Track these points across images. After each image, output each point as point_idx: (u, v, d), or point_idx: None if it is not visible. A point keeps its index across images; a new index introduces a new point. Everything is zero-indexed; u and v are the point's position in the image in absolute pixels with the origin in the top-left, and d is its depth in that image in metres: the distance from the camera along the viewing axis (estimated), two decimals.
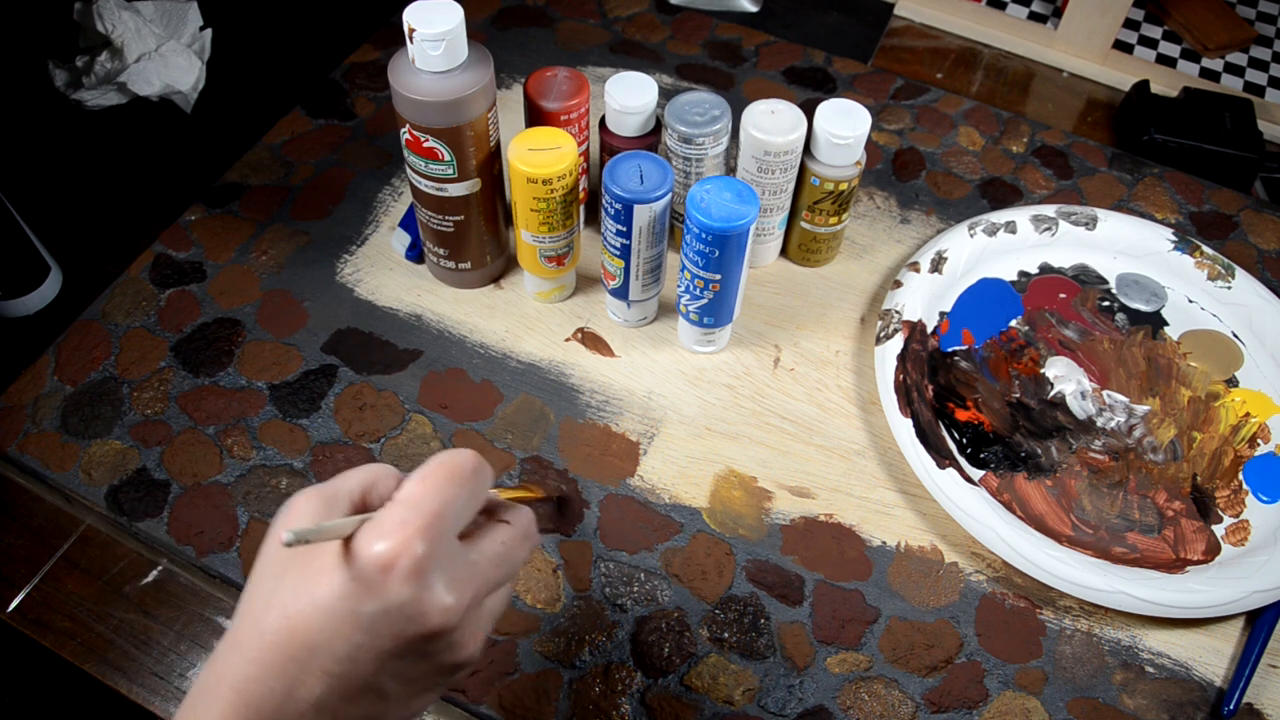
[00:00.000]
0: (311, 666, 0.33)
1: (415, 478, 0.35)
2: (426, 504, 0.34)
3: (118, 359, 0.60)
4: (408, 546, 0.33)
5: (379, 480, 0.37)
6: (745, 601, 0.53)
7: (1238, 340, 0.64)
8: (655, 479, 0.57)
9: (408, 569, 0.32)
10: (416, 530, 0.33)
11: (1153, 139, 0.76)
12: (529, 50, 0.80)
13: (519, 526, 0.38)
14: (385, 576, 0.32)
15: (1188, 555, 0.55)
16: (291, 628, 0.33)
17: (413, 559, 0.33)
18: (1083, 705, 0.50)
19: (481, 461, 0.36)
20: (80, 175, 0.71)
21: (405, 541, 0.33)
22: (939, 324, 0.64)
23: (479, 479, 0.36)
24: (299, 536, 0.31)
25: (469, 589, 0.35)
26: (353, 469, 0.37)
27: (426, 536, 0.33)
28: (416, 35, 0.50)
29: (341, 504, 0.35)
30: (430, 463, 0.36)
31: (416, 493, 0.34)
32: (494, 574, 0.36)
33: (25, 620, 0.52)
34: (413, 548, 0.33)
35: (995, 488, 0.57)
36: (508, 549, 0.37)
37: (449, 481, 0.35)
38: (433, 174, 0.56)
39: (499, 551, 0.37)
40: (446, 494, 0.35)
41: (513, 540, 0.38)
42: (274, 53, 0.80)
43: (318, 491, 0.35)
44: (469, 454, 0.36)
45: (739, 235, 0.52)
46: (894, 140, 0.76)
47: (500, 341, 0.62)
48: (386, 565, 0.32)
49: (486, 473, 0.37)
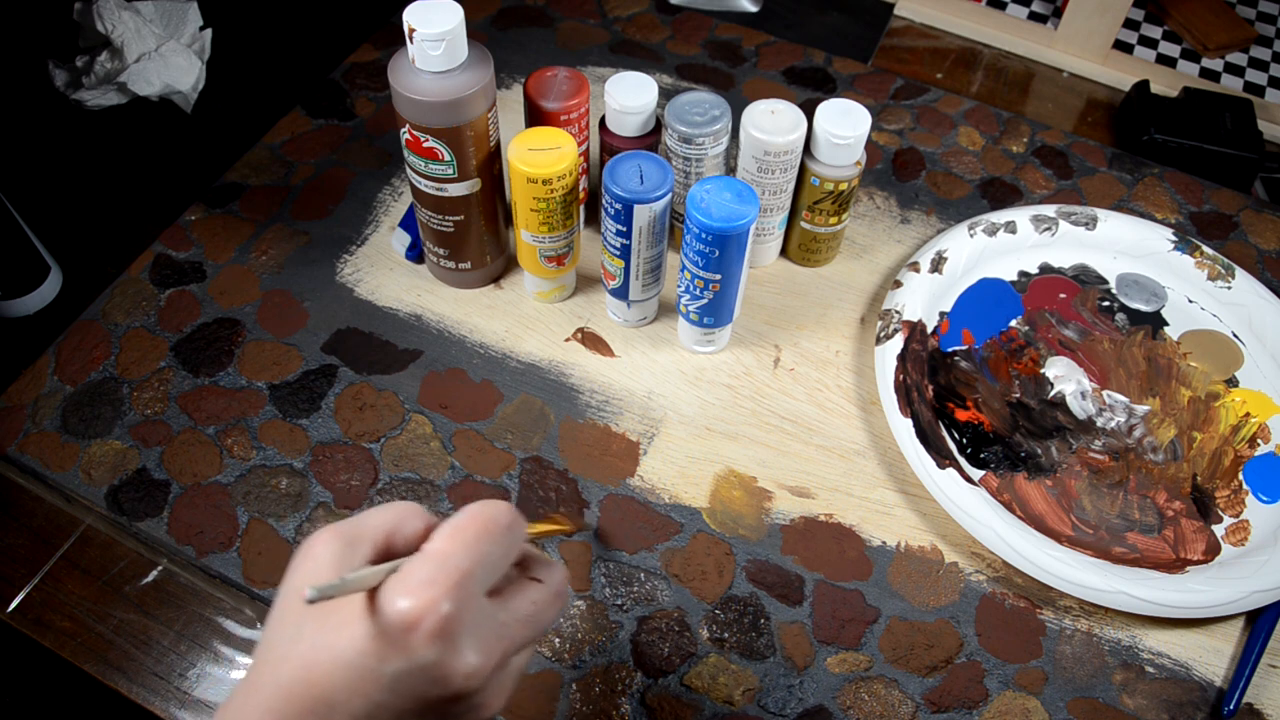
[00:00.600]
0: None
1: (446, 530, 0.34)
2: (456, 561, 0.33)
3: (118, 359, 0.60)
4: (434, 606, 0.31)
5: (404, 521, 0.35)
6: (745, 601, 0.53)
7: (1238, 340, 0.64)
8: (655, 479, 0.57)
9: (433, 629, 0.31)
10: (444, 589, 0.32)
11: (1153, 139, 0.76)
12: (529, 50, 0.80)
13: (552, 585, 0.37)
14: (409, 636, 0.31)
15: (1188, 555, 0.55)
16: (310, 680, 0.32)
17: (439, 619, 0.31)
18: (1083, 705, 0.50)
19: (516, 516, 0.35)
20: (80, 175, 0.71)
21: (432, 601, 0.31)
22: (939, 324, 0.64)
23: (513, 534, 0.35)
24: (321, 593, 0.30)
25: (496, 650, 0.33)
26: (377, 508, 0.36)
27: (454, 596, 0.32)
28: (416, 35, 0.50)
29: (364, 547, 0.34)
30: (463, 514, 0.34)
31: (446, 548, 0.33)
32: (522, 634, 0.35)
33: (25, 620, 0.52)
34: (439, 607, 0.31)
35: (995, 488, 0.57)
36: (539, 609, 0.36)
37: (481, 537, 0.34)
38: (433, 174, 0.56)
39: (529, 611, 0.35)
40: (478, 550, 0.33)
41: (544, 600, 0.36)
42: (274, 53, 0.80)
43: (339, 532, 0.34)
44: (504, 507, 0.35)
45: (739, 235, 0.52)
46: (894, 140, 0.76)
47: (500, 341, 0.62)
48: (411, 624, 0.31)
49: (520, 527, 0.35)
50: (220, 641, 0.51)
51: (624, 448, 0.58)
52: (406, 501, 0.36)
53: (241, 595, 0.53)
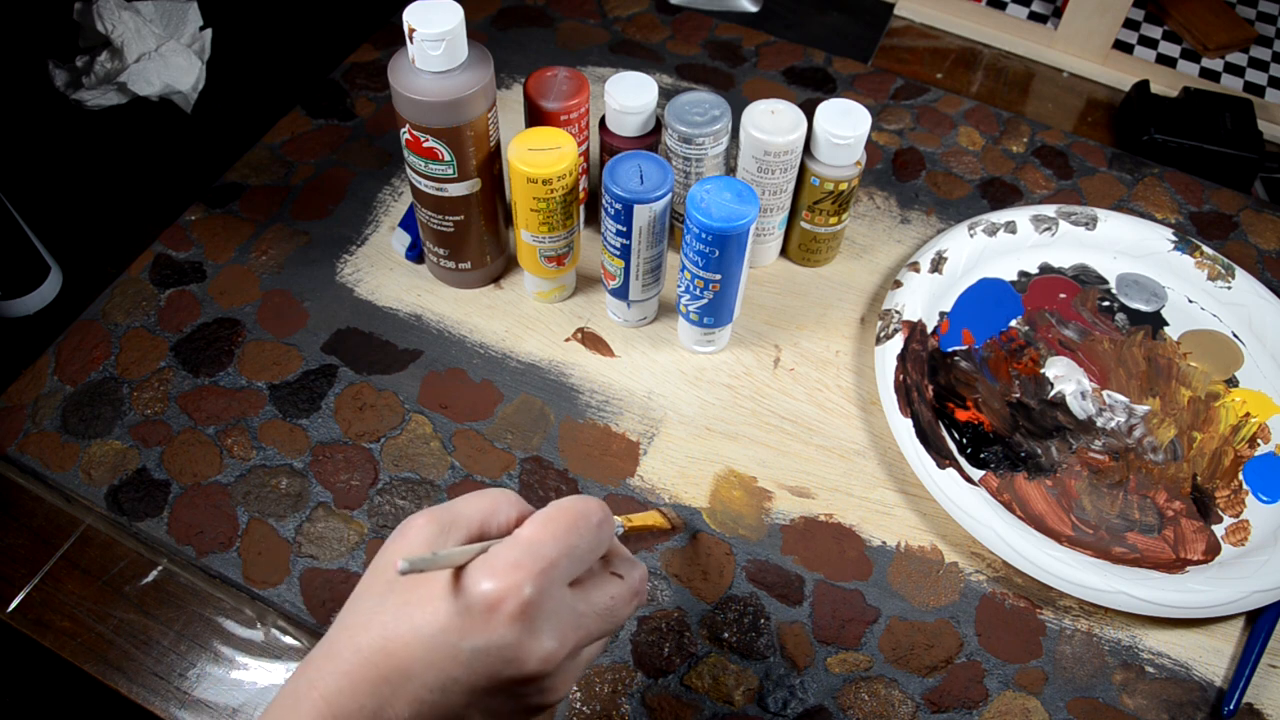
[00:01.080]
0: (403, 691, 0.33)
1: (539, 519, 0.35)
2: (544, 549, 0.34)
3: (118, 359, 0.60)
4: (517, 589, 0.33)
5: (500, 508, 0.37)
6: (745, 601, 0.53)
7: (1238, 340, 0.64)
8: (655, 479, 0.57)
9: (514, 611, 0.33)
10: (529, 574, 0.33)
11: (1153, 139, 0.76)
12: (529, 50, 0.80)
13: (630, 583, 0.38)
14: (490, 615, 0.33)
15: (1188, 555, 0.55)
16: (389, 650, 0.33)
17: (520, 602, 0.33)
18: (1083, 705, 0.50)
19: (608, 514, 0.36)
20: (80, 175, 0.71)
21: (516, 584, 0.33)
22: (939, 324, 0.64)
23: (601, 532, 0.36)
24: (414, 565, 0.31)
25: (571, 638, 0.34)
26: (474, 494, 0.37)
27: (538, 582, 0.33)
28: (416, 35, 0.50)
29: (459, 531, 0.35)
30: (557, 506, 0.35)
31: (536, 535, 0.34)
32: (597, 626, 0.36)
33: (25, 620, 0.52)
34: (522, 591, 0.33)
35: (995, 488, 0.57)
36: (616, 604, 0.37)
37: (571, 530, 0.35)
38: (433, 174, 0.56)
39: (607, 605, 0.36)
40: (567, 542, 0.34)
41: (622, 596, 0.37)
42: (274, 53, 0.80)
43: (435, 516, 0.35)
44: (597, 505, 0.36)
45: (739, 235, 0.52)
46: (894, 140, 0.76)
47: (500, 341, 0.62)
48: (493, 605, 0.32)
49: (610, 525, 0.37)
50: (220, 641, 0.51)
51: (624, 448, 0.58)
52: (503, 489, 0.38)
53: (241, 595, 0.53)
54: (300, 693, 0.33)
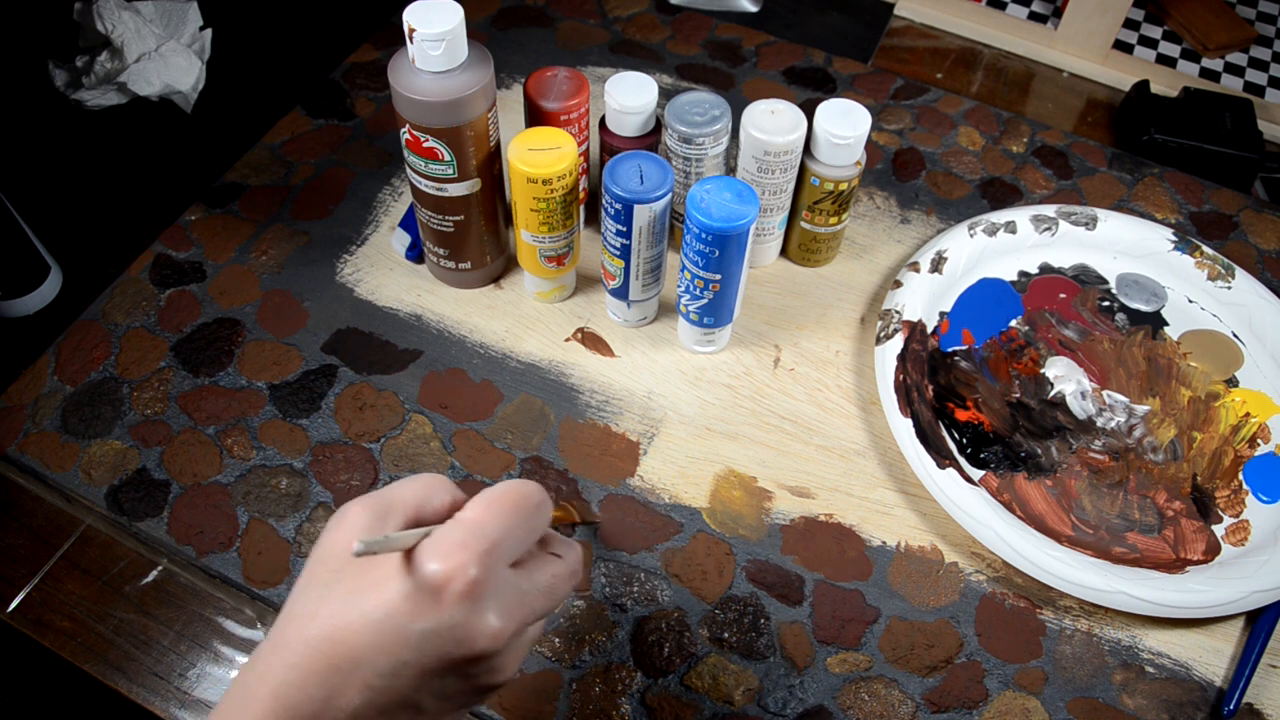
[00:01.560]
0: (353, 678, 0.33)
1: (480, 501, 0.35)
2: (488, 530, 0.34)
3: (118, 359, 0.60)
4: (463, 569, 0.33)
5: (434, 492, 0.37)
6: (745, 601, 0.53)
7: (1238, 340, 0.64)
8: (655, 479, 0.57)
9: (461, 590, 0.33)
10: (474, 554, 0.33)
11: (1153, 139, 0.76)
12: (529, 50, 0.80)
13: (569, 562, 0.39)
14: (438, 596, 0.33)
15: (1188, 555, 0.55)
16: (337, 638, 0.33)
17: (467, 581, 0.33)
18: (1083, 705, 0.50)
19: (546, 496, 0.37)
20: (80, 175, 0.71)
21: (461, 564, 0.33)
22: (939, 324, 0.64)
23: (541, 513, 0.37)
24: (369, 547, 0.32)
25: (517, 616, 0.35)
26: (406, 480, 0.37)
27: (483, 562, 0.33)
28: (416, 35, 0.50)
29: (395, 517, 0.36)
30: (497, 488, 0.36)
31: (479, 517, 0.35)
32: (540, 605, 0.37)
33: (25, 620, 0.52)
34: (468, 571, 0.33)
35: (995, 488, 0.57)
36: (556, 581, 0.38)
37: (513, 511, 0.35)
38: (433, 174, 0.56)
39: (548, 583, 0.37)
40: (509, 523, 0.35)
41: (562, 574, 0.38)
42: (274, 53, 0.80)
43: (370, 504, 0.36)
44: (535, 487, 0.37)
45: (739, 235, 0.52)
46: (894, 140, 0.76)
47: (500, 341, 0.62)
48: (440, 585, 0.33)
49: (548, 507, 0.37)
50: (220, 641, 0.51)
51: (624, 448, 0.58)
52: (436, 475, 0.38)
53: (241, 595, 0.53)
54: (250, 689, 0.34)
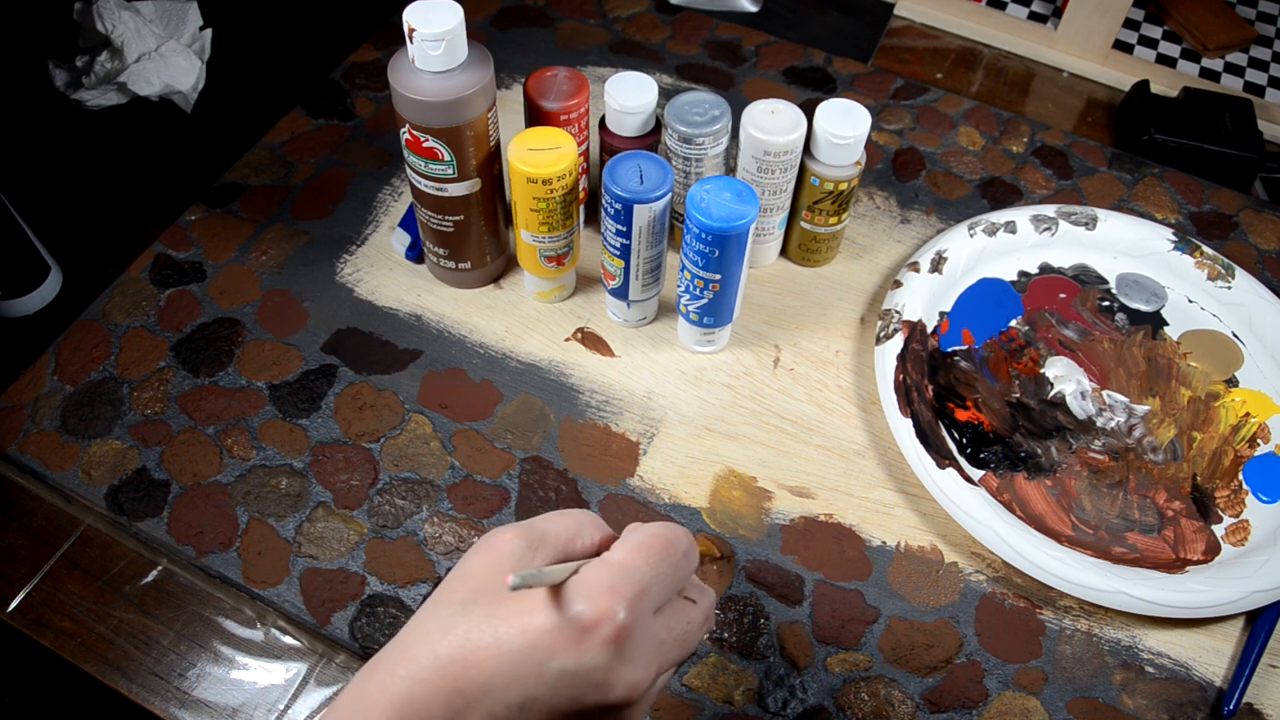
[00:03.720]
0: (479, 705, 0.32)
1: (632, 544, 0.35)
2: (638, 574, 0.33)
3: (118, 359, 0.60)
4: (612, 614, 0.32)
5: (584, 529, 0.36)
6: (745, 601, 0.53)
7: (1238, 340, 0.64)
8: (655, 479, 0.57)
9: (608, 635, 0.32)
10: (624, 599, 0.32)
11: (1153, 139, 0.76)
12: (529, 50, 0.80)
13: (704, 608, 0.37)
14: (584, 638, 0.32)
15: (1188, 555, 0.55)
16: (469, 660, 0.32)
17: (615, 627, 0.32)
18: (1083, 705, 0.50)
19: (694, 542, 0.36)
20: (80, 175, 0.71)
21: (611, 608, 0.32)
22: (939, 324, 0.64)
23: (688, 560, 0.36)
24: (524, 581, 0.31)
25: (654, 666, 0.34)
26: (558, 514, 0.36)
27: (632, 608, 0.33)
28: (416, 35, 0.50)
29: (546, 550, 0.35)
30: (647, 530, 0.35)
31: (630, 560, 0.34)
32: (674, 654, 0.35)
33: (25, 620, 0.52)
34: (616, 616, 0.32)
35: (995, 488, 0.57)
36: (691, 629, 0.36)
37: (662, 556, 0.34)
38: (433, 174, 0.56)
39: (684, 631, 0.36)
40: (659, 569, 0.34)
41: (696, 622, 0.37)
42: (274, 53, 0.80)
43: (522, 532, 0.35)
44: (684, 532, 0.36)
45: (739, 235, 0.52)
46: (894, 140, 0.76)
47: (500, 341, 0.62)
48: (588, 627, 0.32)
49: (695, 555, 0.36)
50: (220, 641, 0.51)
51: (624, 448, 0.58)
52: (586, 511, 0.37)
53: (241, 595, 0.53)
54: (369, 696, 0.32)
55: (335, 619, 0.51)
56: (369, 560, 0.53)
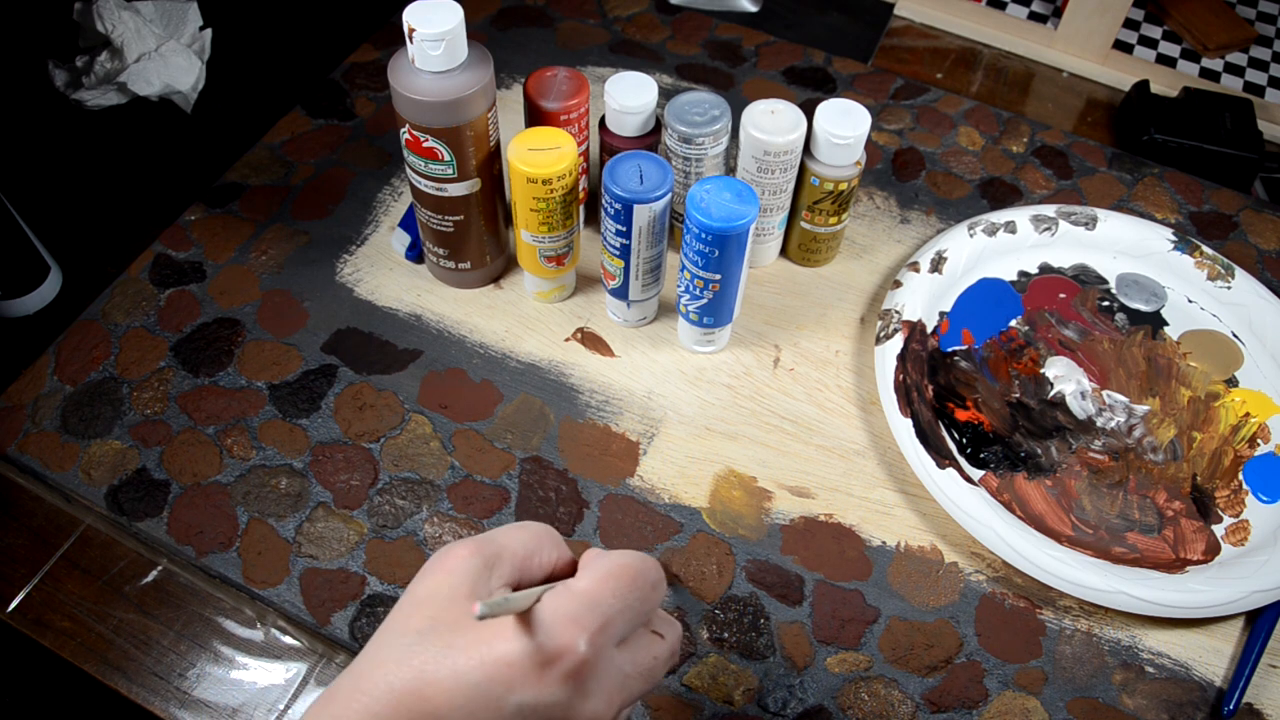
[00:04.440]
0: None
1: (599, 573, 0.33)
2: (603, 606, 0.32)
3: (117, 359, 0.60)
4: (573, 646, 0.31)
5: (542, 545, 0.35)
6: (745, 601, 0.53)
7: (1238, 340, 0.64)
8: (655, 479, 0.57)
9: (569, 669, 0.31)
10: (586, 631, 0.31)
11: (1153, 139, 0.76)
12: (529, 50, 0.80)
13: (669, 642, 0.36)
14: (544, 671, 0.31)
15: (1188, 555, 0.55)
16: (425, 694, 0.31)
17: (576, 660, 0.31)
18: (1083, 705, 0.50)
19: (663, 574, 0.35)
20: (80, 175, 0.71)
21: (572, 641, 0.31)
22: (939, 324, 0.64)
23: (656, 593, 0.35)
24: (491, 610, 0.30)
25: (616, 700, 0.33)
26: (514, 528, 0.35)
27: (595, 640, 0.31)
28: (416, 35, 0.50)
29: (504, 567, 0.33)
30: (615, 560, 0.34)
31: (595, 590, 0.33)
32: (638, 688, 0.34)
33: (25, 620, 0.52)
34: (578, 648, 0.31)
35: (995, 488, 0.57)
36: (657, 664, 0.35)
37: (631, 587, 0.33)
38: (433, 174, 0.56)
39: (649, 665, 0.35)
40: (624, 601, 0.33)
41: (662, 656, 0.36)
42: (274, 53, 0.80)
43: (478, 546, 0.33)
44: (653, 563, 0.35)
45: (739, 235, 0.52)
46: (894, 140, 0.76)
47: (500, 341, 0.62)
48: (549, 660, 0.31)
49: (663, 588, 0.35)
50: (220, 641, 0.51)
51: (624, 448, 0.58)
52: (544, 526, 0.36)
53: (241, 595, 0.53)
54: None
55: (335, 619, 0.51)
56: (369, 560, 0.53)
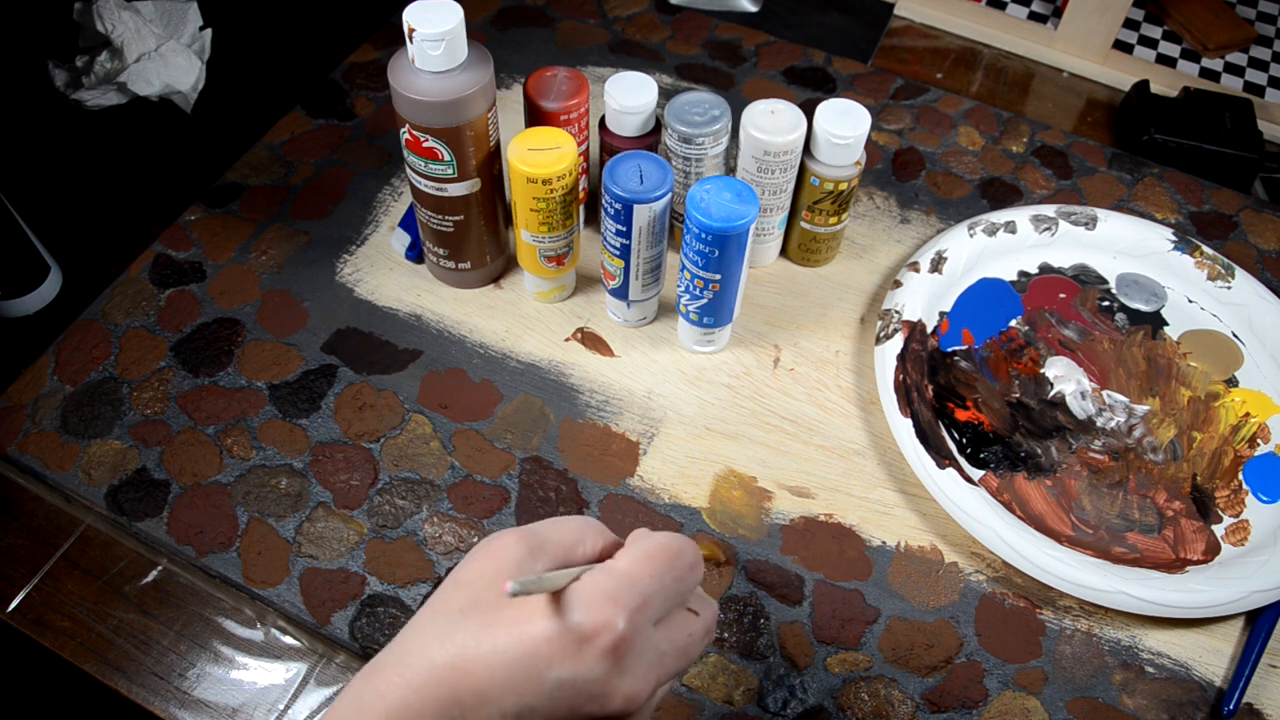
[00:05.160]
0: (475, 713, 0.31)
1: (638, 554, 0.34)
2: (641, 585, 0.33)
3: (117, 359, 0.60)
4: (612, 624, 0.32)
5: (586, 536, 0.35)
6: (745, 601, 0.53)
7: (1238, 340, 0.64)
8: (655, 479, 0.57)
9: (607, 646, 0.31)
10: (625, 609, 0.32)
11: (1153, 139, 0.76)
12: (529, 50, 0.80)
13: (705, 620, 0.37)
14: (582, 647, 0.31)
15: (1188, 555, 0.55)
16: (467, 669, 0.31)
17: (615, 637, 0.32)
18: (1083, 705, 0.50)
19: (699, 555, 0.36)
20: (80, 175, 0.71)
21: (611, 618, 0.32)
22: (939, 324, 0.64)
23: (693, 573, 0.35)
24: (524, 587, 0.30)
25: (653, 678, 0.33)
26: (560, 520, 0.36)
27: (633, 618, 0.32)
28: (416, 35, 0.50)
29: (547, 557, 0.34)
30: (653, 540, 0.35)
31: (634, 570, 0.33)
32: (675, 665, 0.35)
33: (25, 620, 0.52)
34: (616, 626, 0.32)
35: (995, 488, 0.57)
36: (692, 641, 0.36)
37: (668, 567, 0.34)
38: (433, 174, 0.56)
39: (685, 644, 0.35)
40: (664, 580, 0.34)
41: (698, 634, 0.36)
42: (274, 53, 0.80)
43: (523, 537, 0.34)
44: (690, 544, 0.35)
45: (739, 235, 0.52)
46: (894, 140, 0.76)
47: (500, 341, 0.62)
48: (587, 636, 0.31)
49: (700, 568, 0.36)
50: (220, 641, 0.51)
51: (624, 448, 0.58)
52: (588, 518, 0.37)
53: (241, 595, 0.53)
54: (365, 702, 0.32)
55: (335, 619, 0.51)
56: (369, 560, 0.53)
